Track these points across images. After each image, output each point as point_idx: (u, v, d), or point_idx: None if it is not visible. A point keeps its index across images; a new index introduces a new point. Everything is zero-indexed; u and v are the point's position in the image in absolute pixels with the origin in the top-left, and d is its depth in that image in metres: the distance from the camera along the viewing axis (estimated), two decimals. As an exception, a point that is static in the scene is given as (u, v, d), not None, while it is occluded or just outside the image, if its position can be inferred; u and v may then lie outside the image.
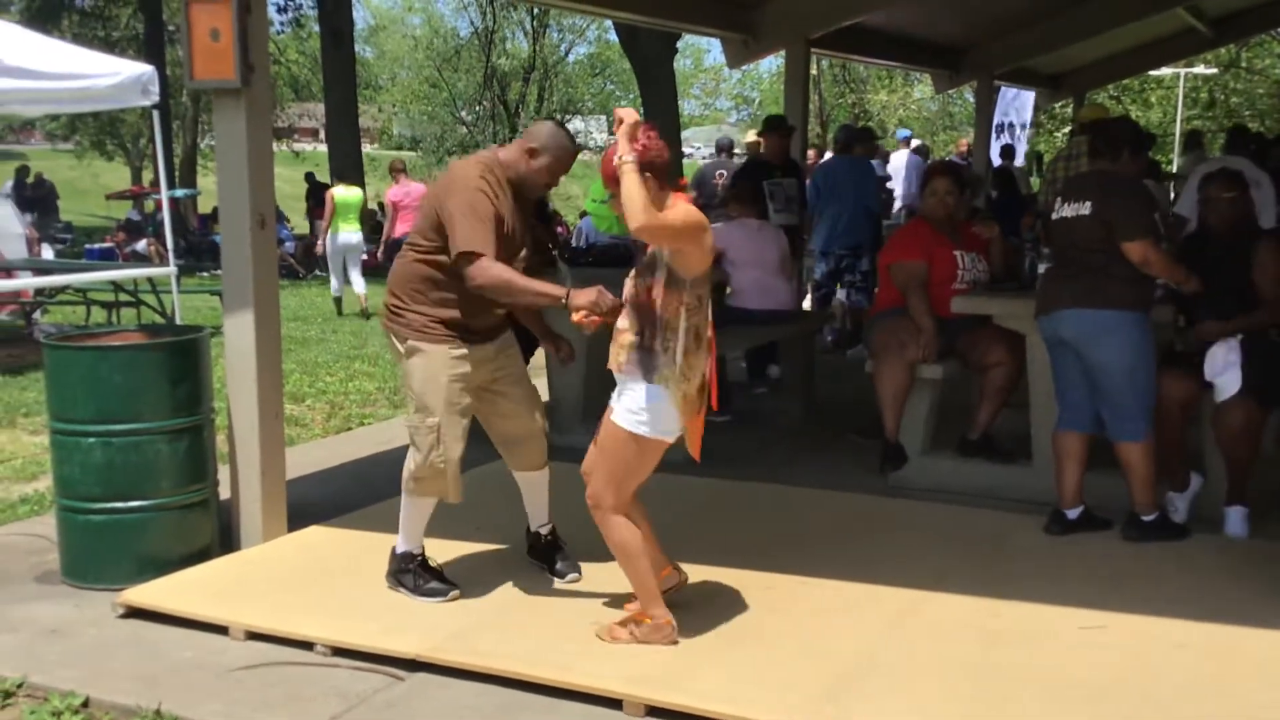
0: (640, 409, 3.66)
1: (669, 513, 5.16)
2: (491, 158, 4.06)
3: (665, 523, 4.11)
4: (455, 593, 4.17)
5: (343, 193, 13.06)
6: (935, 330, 5.66)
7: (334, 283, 13.20)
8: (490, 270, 3.84)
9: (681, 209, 3.60)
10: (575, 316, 3.75)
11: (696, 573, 4.32)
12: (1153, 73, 26.84)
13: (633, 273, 3.73)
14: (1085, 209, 4.72)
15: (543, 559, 4.46)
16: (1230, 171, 5.19)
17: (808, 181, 9.20)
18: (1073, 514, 4.93)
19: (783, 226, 7.67)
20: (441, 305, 4.02)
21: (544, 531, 4.48)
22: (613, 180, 3.58)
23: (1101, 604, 4.09)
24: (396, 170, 13.94)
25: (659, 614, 3.77)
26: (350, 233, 12.91)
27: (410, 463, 4.15)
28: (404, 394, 4.19)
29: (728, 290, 7.14)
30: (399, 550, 4.26)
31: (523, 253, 4.09)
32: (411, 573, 4.22)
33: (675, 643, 3.74)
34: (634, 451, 3.72)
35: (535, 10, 33.54)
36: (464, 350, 4.06)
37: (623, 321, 3.72)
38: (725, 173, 9.83)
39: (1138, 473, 4.77)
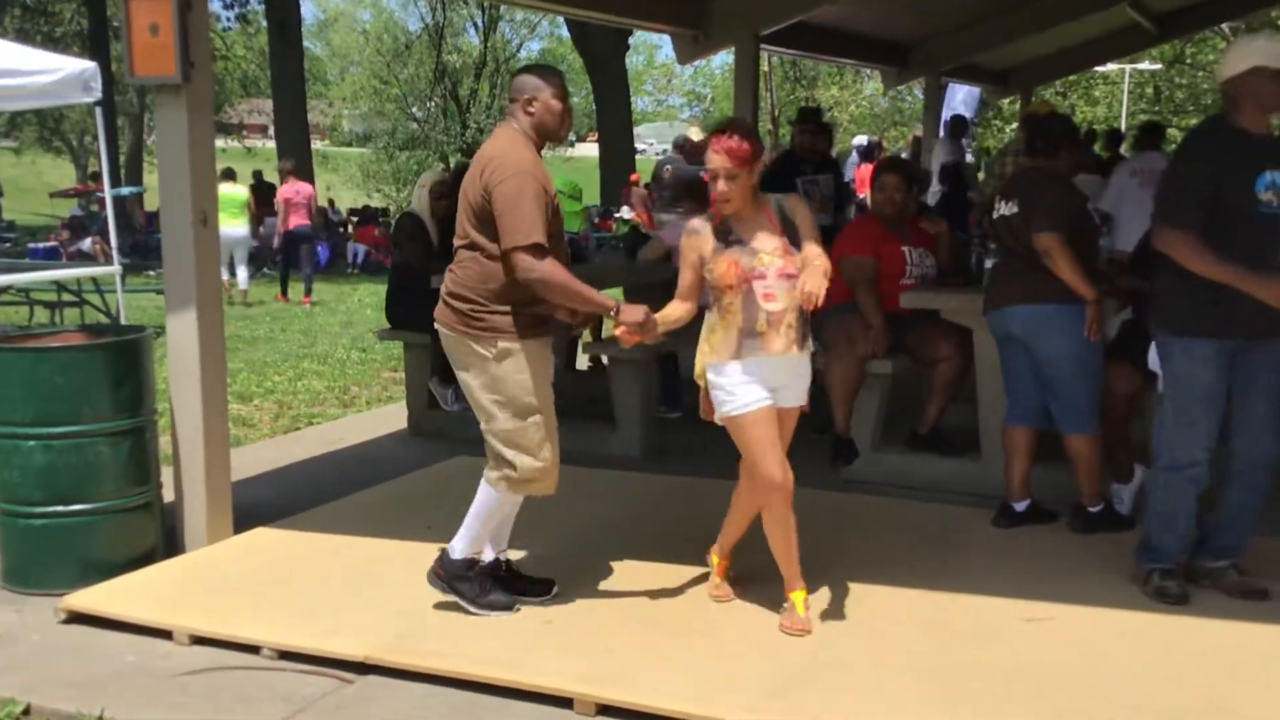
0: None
1: (621, 509, 5.17)
2: (516, 134, 3.86)
3: (617, 519, 4.10)
4: (519, 608, 4.01)
5: (227, 189, 13.61)
6: (885, 326, 5.69)
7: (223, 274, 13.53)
8: (544, 266, 3.69)
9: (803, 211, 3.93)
10: (618, 330, 3.83)
11: (648, 569, 4.32)
12: (1099, 69, 27.15)
13: (778, 254, 3.82)
14: (1015, 207, 4.78)
15: (516, 589, 4.13)
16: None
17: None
18: (1020, 507, 4.98)
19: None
20: (526, 300, 3.82)
21: (504, 559, 4.20)
22: (742, 163, 3.75)
23: (1049, 596, 4.13)
24: (286, 171, 15.22)
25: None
26: (234, 228, 13.51)
27: (511, 468, 3.90)
28: (481, 401, 3.90)
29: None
30: (457, 555, 4.01)
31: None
32: (471, 580, 4.01)
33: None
34: None
35: (486, 5, 33.39)
36: (548, 340, 3.97)
37: (776, 304, 3.79)
38: (672, 167, 9.83)
39: (1085, 465, 4.82)
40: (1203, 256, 3.91)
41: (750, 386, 3.80)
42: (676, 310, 3.96)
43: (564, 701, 3.42)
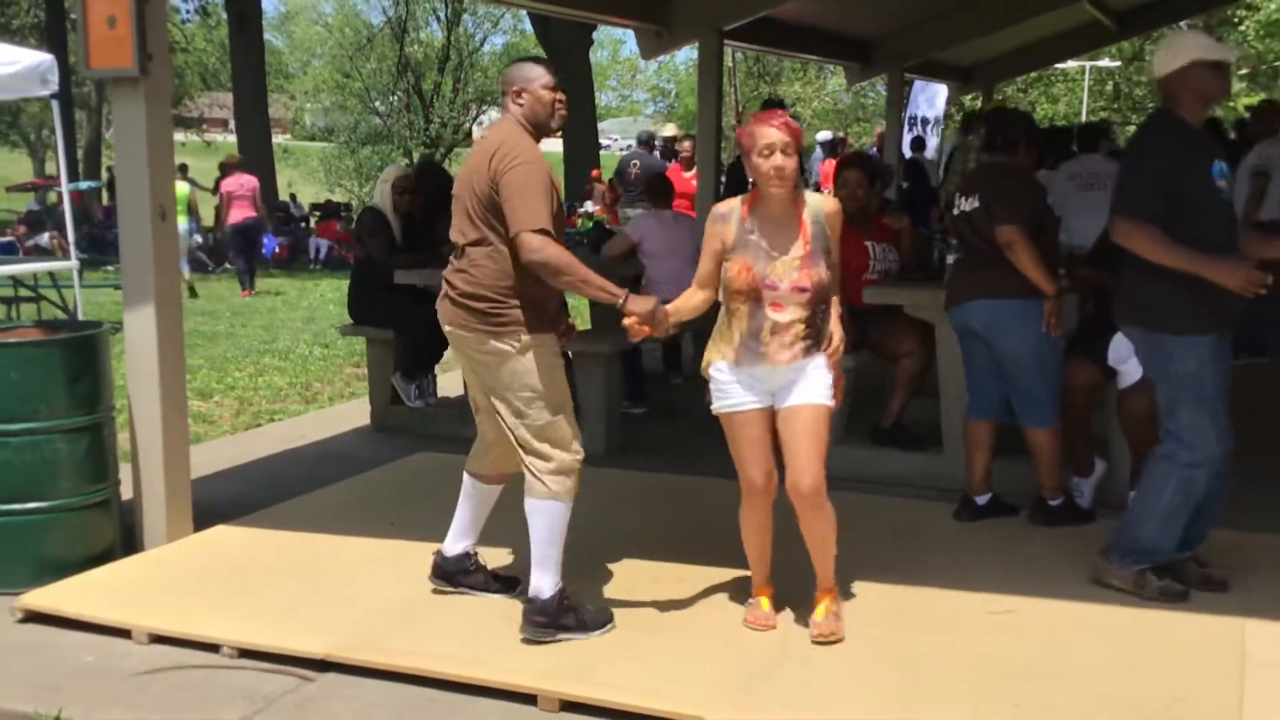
0: (830, 385, 3.73)
1: (586, 505, 5.14)
2: (514, 124, 3.79)
3: (582, 515, 4.07)
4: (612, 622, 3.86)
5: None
6: (848, 321, 5.70)
7: None
8: (550, 248, 3.58)
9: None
10: (627, 321, 3.71)
11: (613, 565, 4.31)
12: (1059, 65, 27.37)
13: (817, 264, 3.68)
14: (977, 202, 4.82)
15: (478, 584, 4.12)
16: None
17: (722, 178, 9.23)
18: (982, 500, 5.01)
19: None
20: (540, 294, 3.73)
21: (474, 552, 4.16)
22: (798, 140, 3.65)
23: (1010, 589, 4.16)
24: (230, 165, 15.44)
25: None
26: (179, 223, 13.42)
27: (548, 472, 3.75)
28: (509, 399, 3.74)
29: (643, 281, 7.13)
30: (548, 593, 3.73)
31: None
32: (571, 611, 3.77)
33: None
34: (829, 424, 3.76)
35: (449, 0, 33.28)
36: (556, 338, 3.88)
37: (783, 315, 3.65)
38: (639, 163, 9.84)
39: (1045, 458, 4.86)
40: (1163, 247, 3.93)
41: (741, 388, 3.72)
42: (693, 299, 3.83)
43: (527, 698, 3.41)
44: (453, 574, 4.12)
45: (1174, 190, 3.94)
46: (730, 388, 3.75)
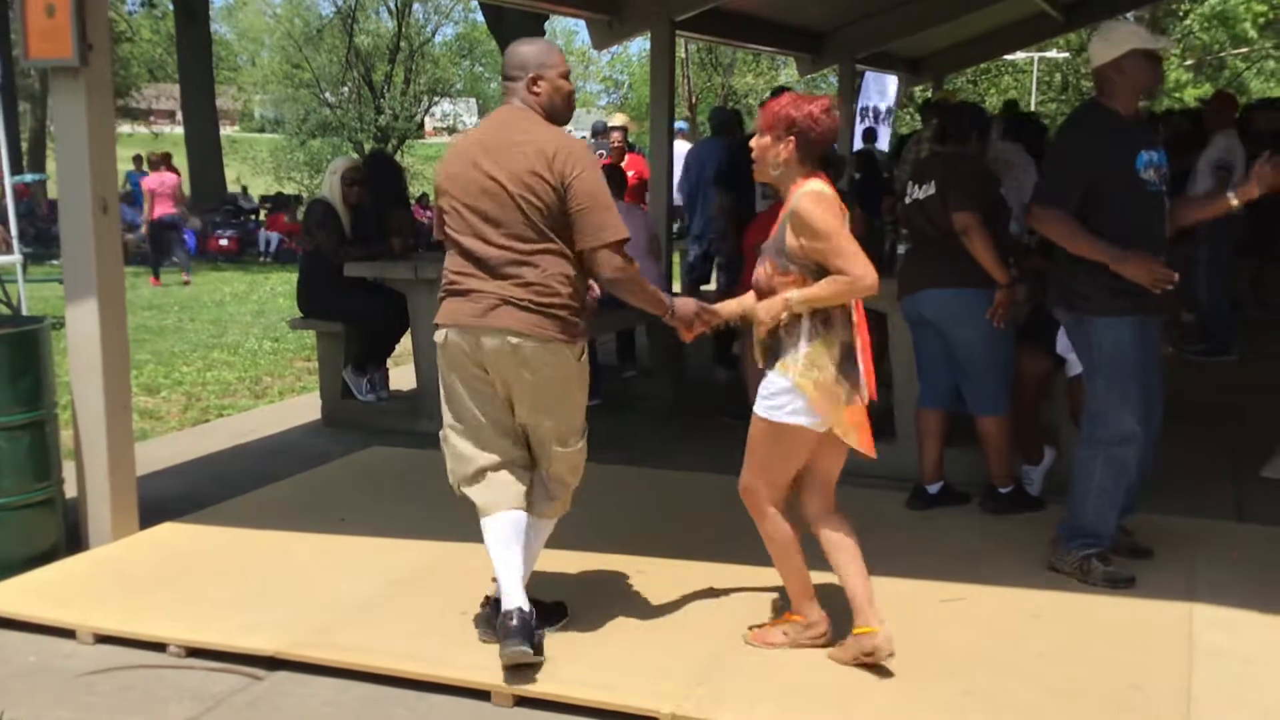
0: (771, 395, 3.44)
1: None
2: (536, 116, 3.48)
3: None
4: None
5: None
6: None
7: None
8: (631, 265, 3.40)
9: (833, 200, 3.43)
10: (673, 322, 3.67)
11: (569, 558, 4.29)
12: (1008, 57, 27.61)
13: (763, 263, 3.51)
14: (931, 190, 4.84)
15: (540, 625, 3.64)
16: None
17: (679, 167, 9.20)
18: (933, 489, 5.04)
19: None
20: (583, 301, 3.53)
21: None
22: (770, 122, 3.43)
23: (962, 577, 4.19)
24: (155, 162, 16.30)
25: (810, 613, 3.63)
26: None
27: (570, 489, 3.66)
28: (563, 414, 3.53)
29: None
30: (527, 606, 3.46)
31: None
32: (538, 612, 3.58)
33: (829, 643, 3.59)
34: (772, 439, 3.48)
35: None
36: None
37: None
38: (604, 153, 9.80)
39: (996, 447, 4.89)
40: (1075, 235, 4.04)
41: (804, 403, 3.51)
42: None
43: (481, 694, 3.39)
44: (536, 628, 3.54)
45: (1097, 180, 4.03)
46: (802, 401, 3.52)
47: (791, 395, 3.41)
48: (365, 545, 4.54)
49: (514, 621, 3.38)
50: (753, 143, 3.52)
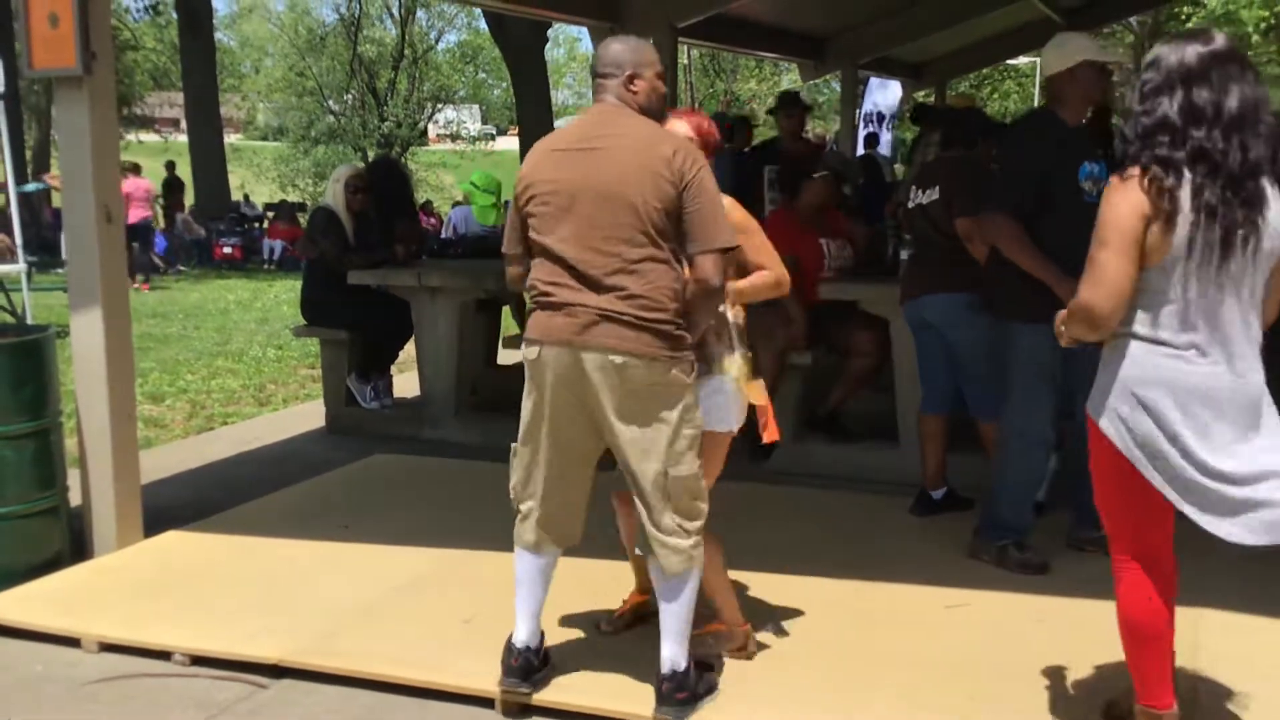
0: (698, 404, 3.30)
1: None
2: (636, 114, 3.24)
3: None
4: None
5: None
6: (805, 321, 5.73)
7: None
8: (721, 270, 3.14)
9: (737, 214, 3.38)
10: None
11: (574, 565, 4.28)
12: (1010, 61, 27.62)
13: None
14: (935, 195, 4.84)
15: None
16: None
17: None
18: (937, 495, 5.03)
19: None
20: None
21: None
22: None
23: (965, 582, 4.18)
24: (125, 169, 16.48)
25: (735, 621, 3.60)
26: None
27: (694, 534, 3.20)
28: (679, 444, 3.16)
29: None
30: (684, 665, 3.24)
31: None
32: (701, 675, 3.33)
33: (750, 654, 3.57)
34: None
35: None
36: None
37: None
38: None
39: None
40: (1023, 248, 4.15)
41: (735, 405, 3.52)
42: None
43: (485, 702, 3.39)
44: (541, 667, 3.41)
45: (1041, 187, 4.13)
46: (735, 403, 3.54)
47: (723, 398, 3.39)
48: (369, 552, 4.54)
49: (515, 661, 3.33)
50: None
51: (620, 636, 3.76)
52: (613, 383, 3.10)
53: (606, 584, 4.15)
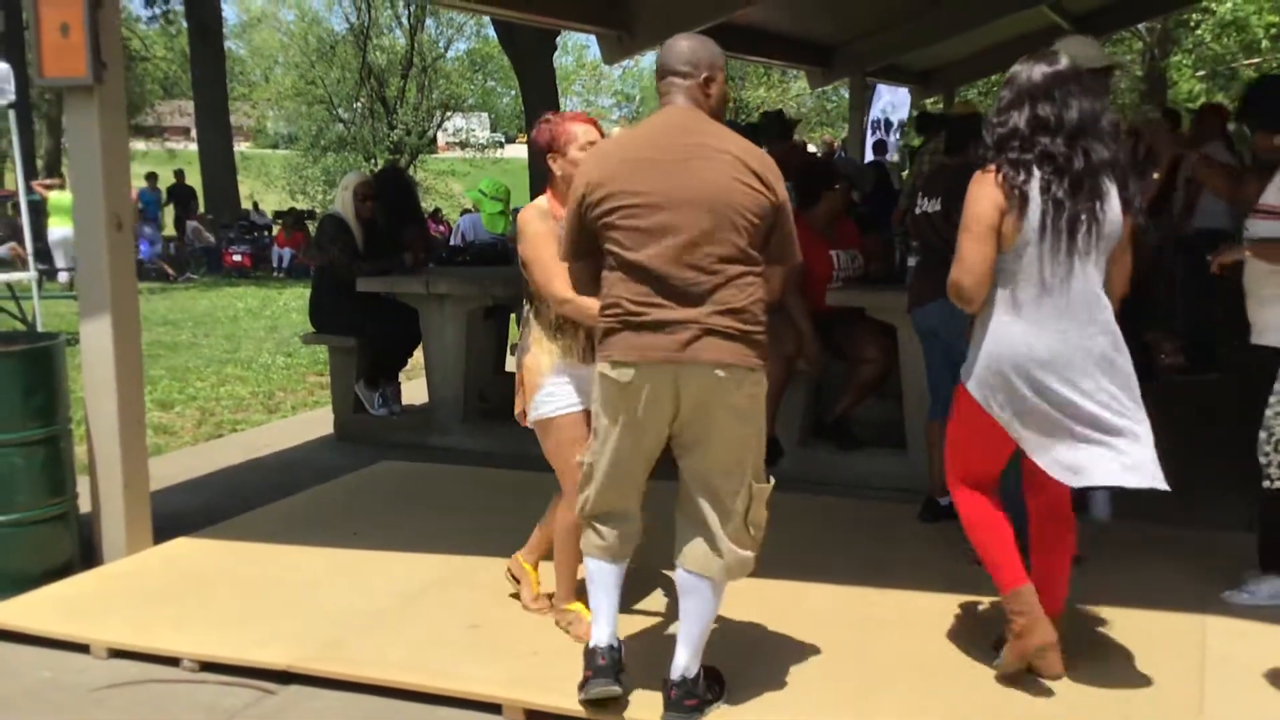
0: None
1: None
2: (713, 121, 3.17)
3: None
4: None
5: (57, 195, 15.39)
6: (815, 332, 5.72)
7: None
8: (786, 285, 3.35)
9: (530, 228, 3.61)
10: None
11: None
12: (1019, 69, 27.58)
13: None
14: (938, 204, 4.84)
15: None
16: None
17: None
18: (945, 501, 5.01)
19: None
20: None
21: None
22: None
23: (972, 589, 4.17)
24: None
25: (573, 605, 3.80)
26: (65, 229, 14.32)
27: (752, 546, 3.22)
28: (748, 456, 3.18)
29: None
30: (694, 671, 3.23)
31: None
32: (708, 682, 3.30)
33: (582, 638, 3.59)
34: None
35: (411, 4, 33.14)
36: None
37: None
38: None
39: (1005, 459, 4.89)
40: None
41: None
42: None
43: (492, 707, 3.40)
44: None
45: None
46: None
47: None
48: (377, 559, 4.55)
49: (603, 660, 3.25)
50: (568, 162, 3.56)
51: (632, 642, 3.75)
52: (713, 397, 3.05)
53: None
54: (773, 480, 3.25)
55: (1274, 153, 4.20)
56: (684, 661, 3.22)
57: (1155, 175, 4.23)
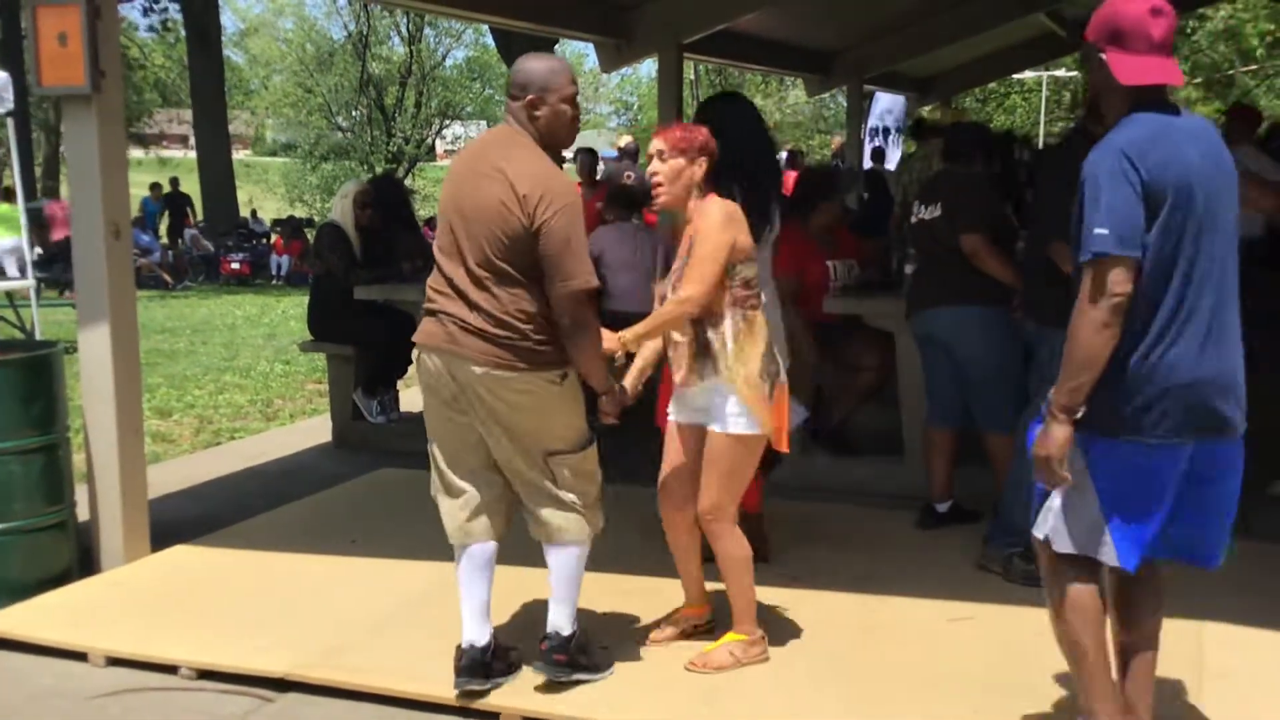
0: (735, 409, 3.49)
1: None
2: (530, 143, 3.33)
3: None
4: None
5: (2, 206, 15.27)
6: (814, 344, 5.72)
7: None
8: (593, 318, 3.41)
9: (716, 215, 3.48)
10: (604, 405, 3.57)
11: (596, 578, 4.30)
12: (1016, 76, 27.64)
13: (670, 284, 3.57)
14: (937, 211, 4.86)
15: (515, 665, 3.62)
16: None
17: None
18: (943, 508, 5.04)
19: None
20: (549, 329, 3.42)
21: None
22: (676, 146, 3.50)
23: (970, 595, 4.19)
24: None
25: (755, 630, 3.67)
26: (10, 239, 14.18)
27: (590, 520, 3.53)
28: (533, 435, 3.43)
29: (603, 294, 7.12)
30: (568, 631, 3.49)
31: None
32: (584, 650, 3.55)
33: (767, 658, 3.66)
34: (742, 453, 3.54)
35: (409, 13, 33.16)
36: None
37: (679, 335, 3.56)
38: (633, 174, 9.84)
39: (1005, 465, 4.88)
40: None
41: (675, 402, 3.75)
42: None
43: (490, 715, 3.40)
44: (491, 664, 3.51)
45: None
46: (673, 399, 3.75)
47: (739, 404, 3.49)
48: (376, 567, 4.56)
49: (462, 660, 3.44)
50: (662, 170, 3.51)
51: (626, 652, 3.76)
52: (478, 389, 3.36)
53: (605, 600, 4.17)
54: (588, 454, 3.48)
55: None
56: (555, 620, 3.49)
57: None
